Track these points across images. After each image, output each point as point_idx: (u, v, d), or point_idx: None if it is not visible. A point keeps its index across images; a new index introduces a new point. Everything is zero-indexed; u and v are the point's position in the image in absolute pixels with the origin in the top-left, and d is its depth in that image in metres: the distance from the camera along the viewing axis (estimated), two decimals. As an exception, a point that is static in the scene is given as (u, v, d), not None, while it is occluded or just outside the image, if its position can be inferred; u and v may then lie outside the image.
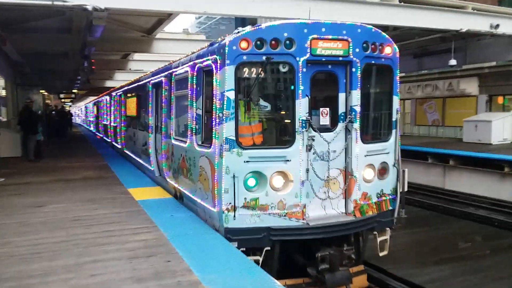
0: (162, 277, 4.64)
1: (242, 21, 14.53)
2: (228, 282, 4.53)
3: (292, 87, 6.25)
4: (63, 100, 37.88)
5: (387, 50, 6.81)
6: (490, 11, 15.25)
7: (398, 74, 7.07)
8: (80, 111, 56.33)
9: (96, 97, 30.55)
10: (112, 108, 18.60)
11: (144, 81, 11.54)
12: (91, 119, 34.70)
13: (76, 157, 16.22)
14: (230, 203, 5.98)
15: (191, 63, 7.29)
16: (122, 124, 15.73)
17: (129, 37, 17.54)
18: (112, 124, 18.76)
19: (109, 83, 30.60)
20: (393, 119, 7.01)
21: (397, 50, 7.02)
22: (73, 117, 45.12)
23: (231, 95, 5.95)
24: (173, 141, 8.32)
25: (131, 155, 13.76)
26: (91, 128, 34.47)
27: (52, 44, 16.67)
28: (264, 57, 5.96)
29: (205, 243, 5.78)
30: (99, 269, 4.91)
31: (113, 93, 18.38)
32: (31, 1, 9.75)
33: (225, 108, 5.96)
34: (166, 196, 8.83)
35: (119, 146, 16.40)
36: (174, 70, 8.45)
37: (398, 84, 7.12)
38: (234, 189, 5.93)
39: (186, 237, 6.06)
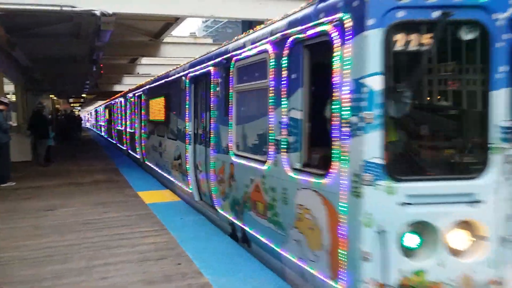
0: (172, 280, 4.66)
1: (249, 24, 14.54)
2: (238, 285, 4.53)
3: (479, 69, 3.59)
4: (72, 104, 38.16)
5: None
6: None
7: None
8: (90, 115, 56.64)
9: (106, 100, 29.63)
10: (128, 111, 16.58)
11: (176, 76, 9.10)
12: (102, 123, 33.50)
13: (86, 161, 16.34)
14: (374, 280, 3.34)
15: (275, 37, 4.70)
16: (142, 131, 13.48)
17: (137, 41, 17.70)
18: (128, 129, 16.69)
19: (117, 87, 30.84)
20: None
21: None
22: (82, 121, 45.40)
23: (376, 83, 3.32)
24: (234, 159, 5.79)
25: (155, 168, 11.65)
26: (102, 133, 33.26)
27: (61, 49, 16.85)
28: (436, 13, 3.34)
29: (215, 246, 5.78)
30: (110, 272, 4.93)
31: (129, 94, 16.40)
32: (40, 6, 9.85)
33: (363, 107, 3.35)
34: (176, 199, 8.86)
35: (138, 156, 14.40)
36: (234, 53, 5.85)
37: None
38: (382, 254, 3.34)
39: (196, 240, 6.07)
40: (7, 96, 15.02)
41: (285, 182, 4.42)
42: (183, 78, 8.35)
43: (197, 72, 7.53)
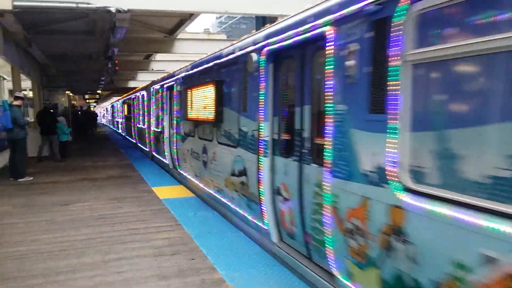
0: (186, 275, 4.66)
1: (263, 20, 14.49)
2: (252, 280, 4.52)
3: None
4: (88, 100, 38.58)
5: None
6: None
7: None
8: (106, 111, 56.99)
9: (123, 95, 27.89)
10: (153, 106, 14.15)
11: (237, 54, 6.27)
12: (119, 119, 31.09)
13: (100, 157, 16.49)
14: None
15: None
16: (175, 131, 10.76)
17: (151, 37, 17.76)
18: (153, 128, 14.14)
19: (132, 84, 31.06)
20: None
21: None
22: (98, 117, 45.86)
23: None
24: (408, 198, 2.97)
25: (193, 180, 9.04)
26: (120, 131, 30.96)
27: (76, 45, 16.99)
28: None
29: (228, 242, 5.78)
30: (125, 266, 4.96)
31: (155, 86, 13.88)
32: (56, 3, 9.95)
33: None
34: (189, 195, 8.88)
35: (166, 161, 11.94)
36: None
37: None
38: None
39: (209, 235, 6.07)
40: (23, 91, 15.16)
41: None
42: (253, 55, 5.53)
43: (285, 43, 4.74)
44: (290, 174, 4.80)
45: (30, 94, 20.47)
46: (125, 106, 25.41)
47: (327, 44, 3.87)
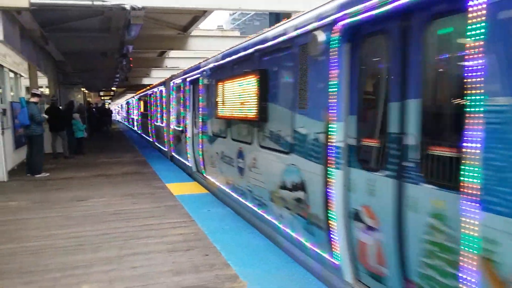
0: (200, 271, 4.68)
1: (276, 17, 14.46)
2: (265, 276, 4.52)
3: None
4: (102, 97, 38.97)
5: None
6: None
7: None
8: (121, 107, 57.23)
9: (140, 90, 26.82)
10: (173, 103, 13.03)
11: (292, 34, 4.91)
12: (135, 117, 30.10)
13: (115, 154, 16.65)
14: None
15: None
16: (200, 130, 9.39)
17: (165, 35, 17.88)
18: (174, 127, 13.04)
19: (146, 81, 31.28)
20: None
21: None
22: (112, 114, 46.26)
23: None
24: None
25: (224, 188, 7.75)
26: (135, 128, 29.82)
27: (92, 43, 17.18)
28: None
29: (242, 238, 5.79)
30: (140, 261, 5.00)
31: (175, 81, 12.65)
32: (72, 1, 10.07)
33: None
34: (203, 191, 8.91)
35: (189, 164, 10.83)
36: None
37: None
38: None
39: (223, 232, 6.09)
40: (39, 88, 15.35)
41: None
42: (318, 34, 4.19)
43: (378, 11, 3.39)
44: (379, 195, 3.53)
45: (46, 91, 20.72)
46: (141, 102, 24.36)
47: (470, 2, 2.55)
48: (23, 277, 4.60)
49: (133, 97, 32.31)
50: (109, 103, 48.78)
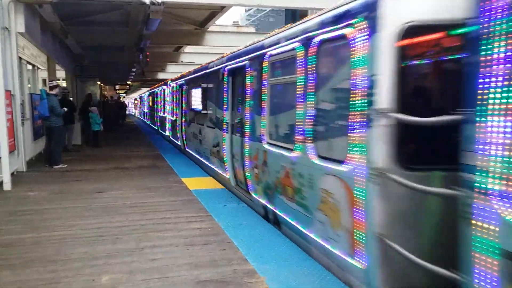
0: (219, 265, 4.75)
1: (292, 14, 14.42)
2: (283, 272, 4.57)
3: None
4: (118, 91, 39.29)
5: None
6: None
7: None
8: (140, 100, 56.96)
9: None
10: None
11: None
12: (166, 115, 19.58)
13: (131, 147, 16.82)
14: None
15: None
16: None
17: (182, 30, 17.96)
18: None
19: (161, 75, 31.48)
20: None
21: None
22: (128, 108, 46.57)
23: None
24: None
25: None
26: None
27: (110, 37, 17.36)
28: None
29: (259, 234, 5.84)
30: (158, 254, 5.09)
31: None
32: (93, -5, 10.20)
33: None
34: (218, 187, 9.00)
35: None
36: None
37: None
38: None
39: (240, 227, 6.15)
40: (56, 81, 15.51)
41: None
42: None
43: None
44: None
45: (63, 84, 21.00)
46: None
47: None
48: (46, 266, 4.71)
49: (151, 89, 27.73)
50: (124, 97, 49.16)
